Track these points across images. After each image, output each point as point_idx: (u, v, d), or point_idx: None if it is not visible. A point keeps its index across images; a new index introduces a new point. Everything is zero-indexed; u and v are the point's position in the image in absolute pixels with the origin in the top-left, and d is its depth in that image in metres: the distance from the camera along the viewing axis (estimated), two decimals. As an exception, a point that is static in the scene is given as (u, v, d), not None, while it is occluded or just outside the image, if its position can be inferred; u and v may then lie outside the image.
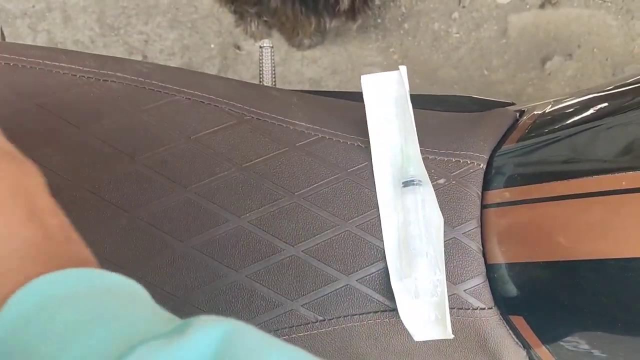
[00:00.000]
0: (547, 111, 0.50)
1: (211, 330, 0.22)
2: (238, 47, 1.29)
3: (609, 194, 0.39)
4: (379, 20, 1.28)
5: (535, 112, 0.50)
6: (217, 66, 1.28)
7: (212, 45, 1.29)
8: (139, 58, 1.29)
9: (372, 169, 0.46)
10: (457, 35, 1.26)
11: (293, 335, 0.44)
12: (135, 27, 1.30)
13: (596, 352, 0.42)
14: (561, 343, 0.44)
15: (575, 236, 0.41)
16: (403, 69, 0.47)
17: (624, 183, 0.39)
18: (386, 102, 0.47)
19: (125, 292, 0.26)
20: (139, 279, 0.27)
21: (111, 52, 1.29)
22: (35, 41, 1.29)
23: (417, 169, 0.45)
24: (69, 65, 0.45)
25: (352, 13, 1.18)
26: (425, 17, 1.27)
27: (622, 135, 0.42)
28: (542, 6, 1.24)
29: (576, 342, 0.43)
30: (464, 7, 1.26)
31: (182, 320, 0.24)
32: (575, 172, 0.42)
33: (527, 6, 1.25)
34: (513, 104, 0.62)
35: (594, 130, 0.44)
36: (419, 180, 0.45)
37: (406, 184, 0.45)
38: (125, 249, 0.43)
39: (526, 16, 1.25)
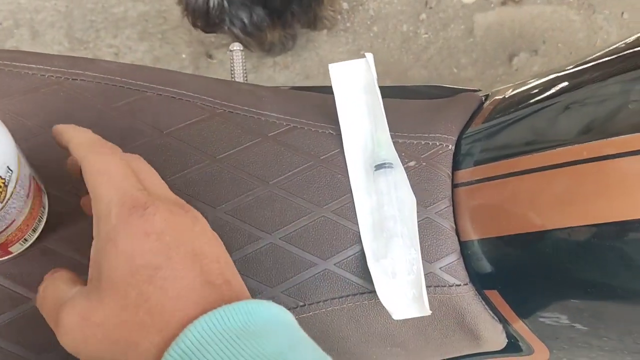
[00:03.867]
0: (509, 94, 0.51)
1: None
2: (210, 56, 1.29)
3: (572, 165, 0.41)
4: (348, 24, 1.30)
5: (498, 96, 0.52)
6: (189, 76, 1.28)
7: (184, 55, 1.29)
8: (111, 71, 1.29)
9: (344, 155, 0.47)
10: (426, 35, 1.28)
11: None
12: (105, 41, 1.30)
13: (577, 326, 0.43)
14: (540, 318, 0.45)
15: (543, 207, 0.42)
16: (369, 55, 0.48)
17: (585, 153, 0.40)
18: (355, 90, 0.48)
19: (280, 322, 0.29)
20: None
21: (82, 66, 1.28)
22: (4, 58, 1.28)
23: (388, 152, 0.46)
24: (38, 66, 0.46)
25: (314, 23, 1.19)
26: (393, 19, 1.29)
27: (580, 116, 0.44)
28: (504, 3, 1.28)
29: (557, 317, 0.44)
30: (430, 8, 1.29)
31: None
32: (538, 147, 0.43)
33: (492, 5, 1.28)
34: (479, 90, 0.63)
35: (552, 108, 0.45)
36: (390, 163, 0.46)
37: (378, 167, 0.46)
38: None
39: (491, 15, 1.28)
